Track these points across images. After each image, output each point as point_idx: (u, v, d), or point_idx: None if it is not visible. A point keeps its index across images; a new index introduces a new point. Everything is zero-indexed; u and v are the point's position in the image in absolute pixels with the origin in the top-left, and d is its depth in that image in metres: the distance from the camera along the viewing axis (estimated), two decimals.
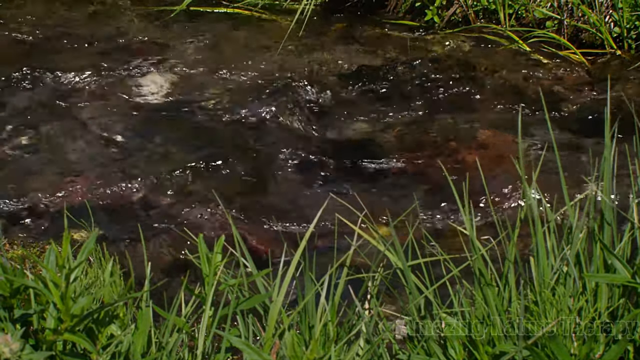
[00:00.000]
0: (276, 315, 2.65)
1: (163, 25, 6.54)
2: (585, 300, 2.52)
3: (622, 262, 2.47)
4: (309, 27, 6.34)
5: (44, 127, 5.43)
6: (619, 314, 2.55)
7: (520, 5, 6.18)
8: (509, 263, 2.67)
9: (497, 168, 4.94)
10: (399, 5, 6.57)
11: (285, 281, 2.73)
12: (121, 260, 3.17)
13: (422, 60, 6.01)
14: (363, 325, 2.67)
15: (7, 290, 2.33)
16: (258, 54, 6.20)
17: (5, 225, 4.60)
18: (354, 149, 5.31)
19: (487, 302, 2.59)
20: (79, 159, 5.18)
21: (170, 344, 2.56)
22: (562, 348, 2.25)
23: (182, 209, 4.78)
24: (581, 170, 4.89)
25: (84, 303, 2.27)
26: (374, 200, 4.81)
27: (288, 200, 4.90)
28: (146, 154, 5.22)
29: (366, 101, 5.73)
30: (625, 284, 2.47)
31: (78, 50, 6.20)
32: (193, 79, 5.95)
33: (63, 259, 2.29)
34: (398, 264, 2.75)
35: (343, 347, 2.62)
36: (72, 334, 2.29)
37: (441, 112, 5.57)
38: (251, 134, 5.39)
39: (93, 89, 5.80)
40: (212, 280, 2.61)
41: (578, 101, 5.62)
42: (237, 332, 2.74)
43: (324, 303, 2.70)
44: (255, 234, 4.63)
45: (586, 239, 2.69)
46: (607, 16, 5.97)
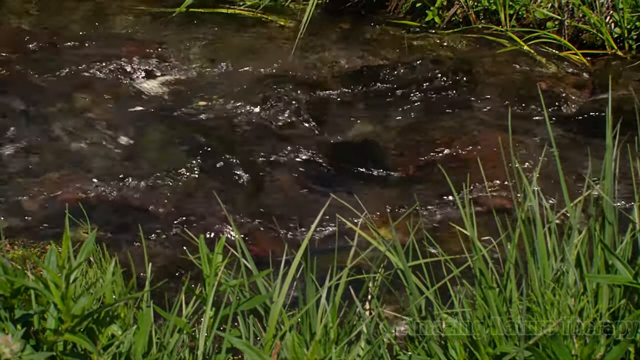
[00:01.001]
0: (277, 316, 2.65)
1: (163, 26, 6.54)
2: (587, 301, 2.52)
3: (623, 262, 2.47)
4: (309, 28, 6.34)
5: (44, 127, 5.43)
6: (620, 314, 2.55)
7: (520, 6, 6.18)
8: (510, 264, 2.66)
9: (498, 168, 4.94)
10: (400, 5, 6.57)
11: (286, 282, 2.73)
12: (122, 261, 3.17)
13: (423, 60, 6.01)
14: (364, 326, 2.67)
15: (8, 290, 2.33)
16: (259, 55, 6.20)
17: (5, 225, 4.60)
18: (354, 149, 5.31)
19: (488, 303, 2.59)
20: (79, 159, 5.18)
21: (171, 345, 2.56)
22: (564, 349, 2.24)
23: (182, 209, 4.78)
24: (582, 171, 4.89)
25: (85, 303, 2.27)
26: (374, 200, 4.81)
27: (289, 201, 4.90)
28: (146, 154, 5.22)
29: (367, 101, 5.73)
30: (626, 284, 2.46)
31: (77, 51, 6.20)
32: (193, 79, 5.96)
33: (63, 259, 2.29)
34: (399, 265, 2.75)
35: (344, 347, 2.62)
36: (73, 335, 2.29)
37: (442, 113, 5.57)
38: (251, 135, 5.39)
39: (92, 89, 5.80)
40: (213, 281, 2.61)
41: (578, 102, 5.62)
42: (238, 333, 2.74)
43: (324, 304, 2.70)
44: (256, 235, 4.63)
45: (587, 240, 2.69)
46: (607, 17, 5.97)
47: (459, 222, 3.07)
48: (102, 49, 6.24)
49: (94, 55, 6.16)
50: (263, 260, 4.35)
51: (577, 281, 2.59)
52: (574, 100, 5.65)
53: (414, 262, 2.80)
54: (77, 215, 3.85)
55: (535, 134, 5.27)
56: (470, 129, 5.39)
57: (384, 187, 5.00)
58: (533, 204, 2.69)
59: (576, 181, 4.88)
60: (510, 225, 2.74)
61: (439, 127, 5.43)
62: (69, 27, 6.51)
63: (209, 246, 2.68)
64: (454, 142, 5.28)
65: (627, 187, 3.75)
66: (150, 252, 4.44)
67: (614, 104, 4.97)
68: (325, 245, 4.47)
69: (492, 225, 2.88)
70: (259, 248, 4.53)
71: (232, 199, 4.85)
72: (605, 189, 2.68)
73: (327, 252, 4.09)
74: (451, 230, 4.49)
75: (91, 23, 6.58)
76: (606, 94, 5.61)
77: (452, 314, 2.63)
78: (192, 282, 3.94)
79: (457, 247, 3.02)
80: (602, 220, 2.69)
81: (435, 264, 2.85)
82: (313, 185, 5.03)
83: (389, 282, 2.84)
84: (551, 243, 2.69)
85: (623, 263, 2.47)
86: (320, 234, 4.56)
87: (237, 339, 2.50)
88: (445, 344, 2.58)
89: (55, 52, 6.17)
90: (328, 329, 2.65)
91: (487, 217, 4.54)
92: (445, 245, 4.28)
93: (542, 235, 2.66)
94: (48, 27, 6.48)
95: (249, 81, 5.89)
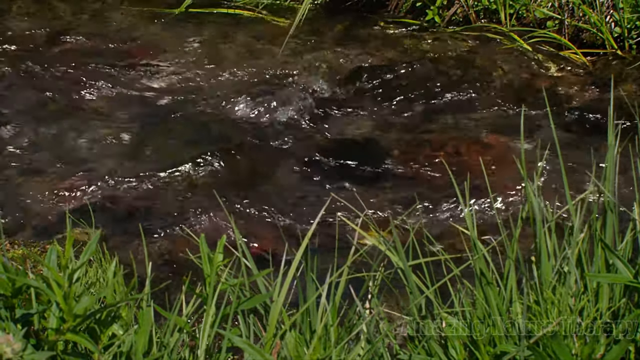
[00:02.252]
0: (277, 315, 2.65)
1: (163, 26, 6.53)
2: (587, 300, 2.52)
3: (623, 262, 2.46)
4: (310, 27, 6.34)
5: (45, 126, 5.43)
6: (620, 314, 2.54)
7: (521, 5, 6.18)
8: (511, 263, 2.66)
9: (499, 167, 4.94)
10: (400, 5, 6.57)
11: (287, 281, 2.73)
12: (122, 260, 3.17)
13: (423, 60, 6.01)
14: (364, 325, 2.67)
15: (9, 289, 2.33)
16: (259, 53, 6.20)
17: (6, 224, 4.60)
18: (354, 148, 5.31)
19: (489, 302, 2.59)
20: (80, 159, 5.18)
21: (171, 344, 2.56)
22: (564, 348, 2.24)
23: (183, 208, 4.78)
24: (583, 170, 4.89)
25: (87, 303, 2.27)
26: (374, 199, 4.81)
27: (289, 200, 4.90)
28: (147, 154, 5.22)
29: (367, 101, 5.73)
30: (627, 284, 2.46)
31: (77, 51, 6.20)
32: (193, 79, 5.96)
33: (66, 259, 2.28)
34: (399, 264, 2.75)
35: (344, 347, 2.62)
36: (75, 334, 2.28)
37: (442, 112, 5.57)
38: (252, 134, 5.39)
39: (93, 89, 5.80)
40: (214, 280, 2.61)
41: (579, 101, 5.62)
42: (238, 332, 2.74)
43: (324, 303, 2.70)
44: (257, 234, 4.63)
45: (588, 239, 2.69)
46: (607, 16, 5.97)
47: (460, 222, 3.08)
48: (102, 49, 6.24)
49: (94, 55, 6.16)
50: (263, 259, 4.36)
51: (578, 280, 2.60)
52: (573, 99, 5.65)
53: (414, 262, 2.80)
54: (77, 214, 3.86)
55: (535, 132, 5.27)
56: (470, 128, 5.39)
57: (384, 186, 5.00)
58: (534, 203, 2.69)
59: (577, 180, 4.88)
60: (512, 224, 2.74)
61: (439, 126, 5.44)
62: (69, 27, 6.51)
63: (210, 245, 2.68)
64: (454, 141, 5.28)
65: (628, 186, 3.76)
66: (150, 251, 4.44)
67: (614, 103, 4.97)
68: (326, 244, 4.48)
69: (493, 225, 2.88)
70: (259, 247, 4.53)
71: (233, 199, 4.85)
72: (607, 188, 2.68)
73: (328, 251, 4.09)
74: (452, 229, 4.49)
75: (91, 23, 6.58)
76: (606, 93, 5.61)
77: (453, 313, 2.63)
78: (193, 281, 3.95)
79: (458, 246, 3.03)
80: (602, 219, 2.69)
81: (436, 264, 2.85)
82: (313, 184, 5.03)
83: (390, 282, 2.84)
84: (552, 242, 2.69)
85: (623, 262, 2.47)
86: (321, 233, 4.56)
87: (238, 337, 2.50)
88: (445, 343, 2.58)
89: (55, 53, 6.17)
90: (328, 327, 2.65)
91: (488, 216, 4.54)
92: (446, 244, 4.28)
93: (542, 234, 2.66)
94: (49, 28, 6.47)
95: (249, 80, 5.89)
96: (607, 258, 2.62)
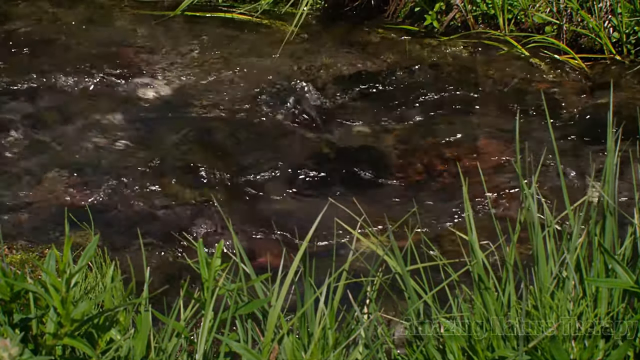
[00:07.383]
0: (275, 320, 2.65)
1: (160, 29, 6.53)
2: (586, 305, 2.52)
3: (622, 266, 2.46)
4: (308, 32, 6.34)
5: (43, 130, 5.43)
6: (619, 318, 2.54)
7: (519, 11, 6.19)
8: (509, 267, 2.66)
9: (496, 172, 4.94)
10: (398, 10, 6.57)
11: (284, 286, 2.73)
12: (121, 264, 3.17)
13: (421, 65, 6.01)
14: (362, 330, 2.67)
15: (7, 294, 2.33)
16: (257, 58, 6.20)
17: (4, 229, 4.59)
18: (353, 153, 5.31)
19: (487, 307, 2.59)
20: (78, 162, 5.17)
21: (169, 349, 2.56)
22: (563, 352, 2.24)
23: (181, 213, 4.78)
24: (581, 175, 4.89)
25: (85, 308, 2.27)
26: (373, 205, 4.80)
27: (287, 205, 4.90)
28: (145, 158, 5.21)
29: (365, 106, 5.73)
30: (627, 289, 2.46)
31: (74, 53, 6.20)
32: (191, 83, 5.95)
33: (64, 264, 2.28)
34: (397, 269, 2.75)
35: (342, 351, 2.62)
36: (72, 339, 2.28)
37: (440, 117, 5.57)
38: (250, 139, 5.39)
39: (90, 92, 5.80)
40: (212, 285, 2.60)
41: (577, 106, 5.62)
42: (236, 337, 2.74)
43: (323, 308, 2.70)
44: (254, 239, 4.63)
45: (587, 243, 2.69)
46: (606, 21, 5.98)
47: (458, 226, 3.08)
48: (98, 51, 6.24)
49: (91, 58, 6.15)
50: (261, 264, 4.36)
51: (577, 285, 2.59)
52: (572, 104, 5.65)
53: (412, 267, 2.80)
54: (76, 219, 3.85)
55: (534, 138, 5.26)
56: (469, 133, 5.39)
57: (382, 192, 5.00)
58: (532, 208, 2.69)
59: (576, 185, 4.88)
60: (510, 229, 2.74)
61: (438, 131, 5.43)
62: (66, 29, 6.50)
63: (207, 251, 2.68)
64: (453, 147, 5.28)
65: (627, 191, 3.76)
66: (149, 256, 4.43)
67: (613, 108, 4.97)
68: (324, 249, 4.47)
69: (492, 230, 2.88)
70: (257, 252, 4.52)
71: (231, 203, 4.85)
72: (606, 192, 2.68)
73: (326, 256, 4.09)
74: (451, 234, 4.49)
75: (87, 25, 6.57)
76: (604, 98, 5.62)
77: (450, 318, 2.63)
78: (191, 286, 3.94)
79: (456, 252, 3.02)
80: (602, 223, 2.69)
81: (434, 269, 2.85)
82: (311, 189, 5.03)
83: (388, 286, 2.83)
84: (550, 247, 2.69)
85: (623, 267, 2.47)
86: (319, 239, 4.55)
87: (236, 342, 2.50)
88: (443, 348, 2.58)
89: (52, 55, 6.17)
90: (326, 331, 2.65)
91: (486, 221, 4.54)
92: (444, 249, 4.28)
93: (541, 239, 2.66)
94: (46, 30, 6.47)
95: (247, 84, 5.89)
96: (606, 262, 2.62)
